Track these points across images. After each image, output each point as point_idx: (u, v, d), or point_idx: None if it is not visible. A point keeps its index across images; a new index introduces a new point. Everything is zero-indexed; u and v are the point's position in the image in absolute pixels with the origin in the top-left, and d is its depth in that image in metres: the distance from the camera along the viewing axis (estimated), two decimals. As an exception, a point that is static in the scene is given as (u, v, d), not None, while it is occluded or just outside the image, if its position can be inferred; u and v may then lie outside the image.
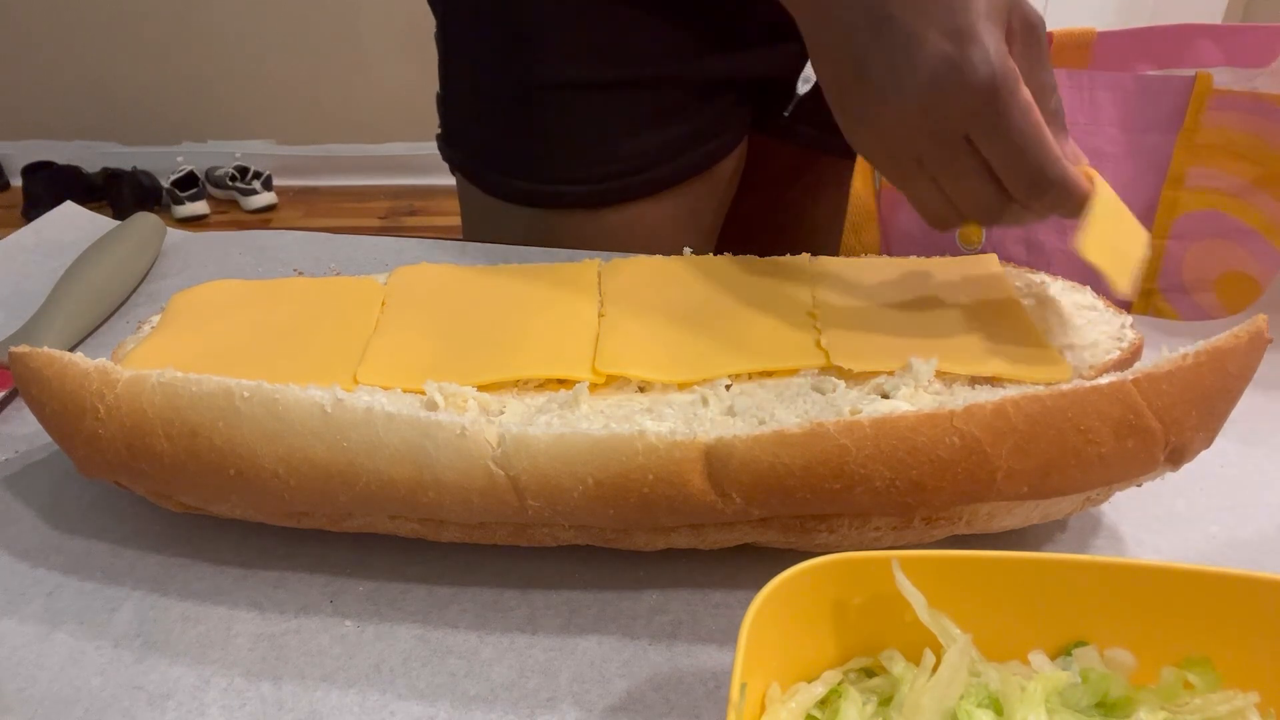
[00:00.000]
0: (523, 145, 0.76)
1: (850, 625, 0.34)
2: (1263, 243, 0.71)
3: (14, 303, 0.66)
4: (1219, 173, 0.71)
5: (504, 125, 0.76)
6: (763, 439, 0.37)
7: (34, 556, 0.45)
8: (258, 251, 0.72)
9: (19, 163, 2.99)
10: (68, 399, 0.41)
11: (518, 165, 0.77)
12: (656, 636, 0.41)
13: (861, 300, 0.49)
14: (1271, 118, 0.68)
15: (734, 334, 0.47)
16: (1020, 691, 0.31)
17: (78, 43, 2.82)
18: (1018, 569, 0.33)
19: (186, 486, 0.41)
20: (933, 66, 0.44)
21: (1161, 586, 0.32)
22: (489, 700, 0.38)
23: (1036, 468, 0.37)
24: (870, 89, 0.47)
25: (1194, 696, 0.32)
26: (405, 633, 0.41)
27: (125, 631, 0.41)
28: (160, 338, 0.49)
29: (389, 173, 3.06)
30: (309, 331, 0.49)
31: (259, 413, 0.39)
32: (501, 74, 0.75)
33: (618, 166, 0.75)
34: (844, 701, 0.32)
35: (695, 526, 0.41)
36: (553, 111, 0.74)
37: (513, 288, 0.52)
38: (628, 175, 0.75)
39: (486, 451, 0.38)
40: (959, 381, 0.44)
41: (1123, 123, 0.73)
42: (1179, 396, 0.37)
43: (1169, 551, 0.45)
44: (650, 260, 0.54)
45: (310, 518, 0.43)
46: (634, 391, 0.45)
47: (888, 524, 0.40)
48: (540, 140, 0.75)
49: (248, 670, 0.40)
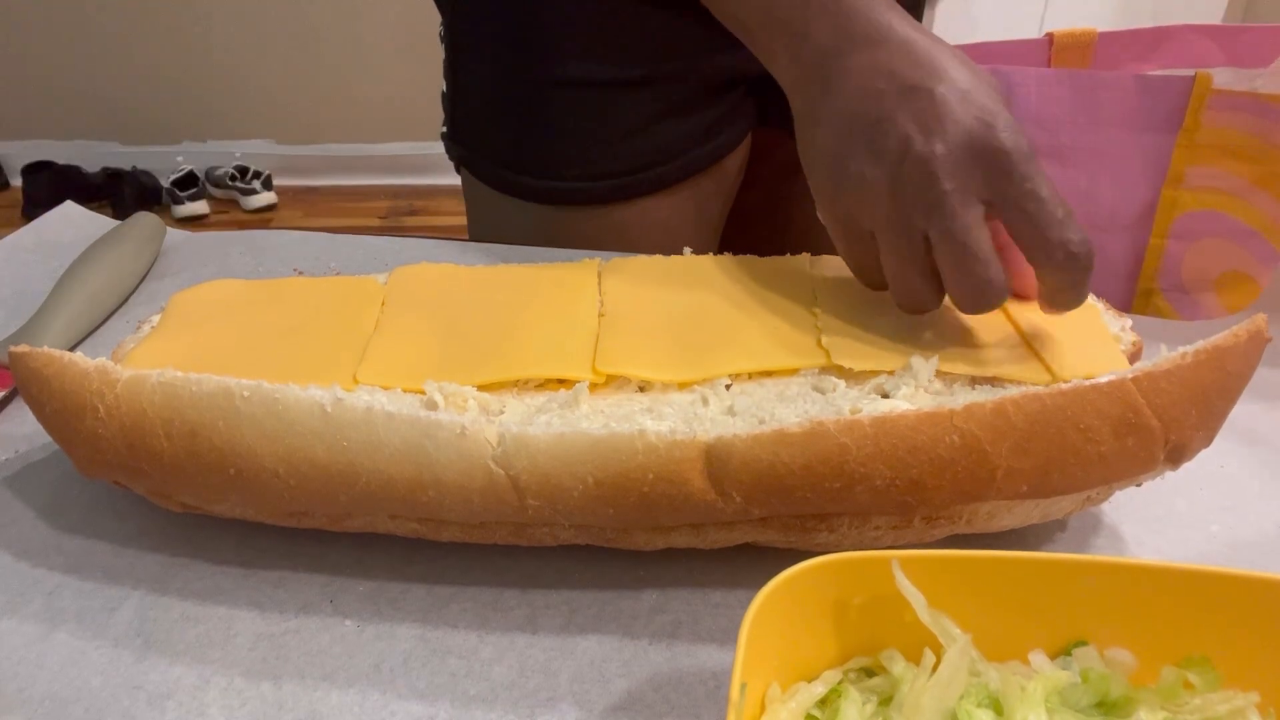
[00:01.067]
0: (533, 142, 0.76)
1: (850, 625, 0.34)
2: (1263, 243, 0.71)
3: (14, 303, 0.66)
4: (1219, 173, 0.71)
5: (514, 122, 0.77)
6: (763, 438, 0.37)
7: (34, 556, 0.45)
8: (258, 251, 0.72)
9: (19, 163, 2.99)
10: (67, 399, 0.41)
11: (528, 162, 0.77)
12: (656, 636, 0.41)
13: (861, 300, 0.49)
14: (1271, 118, 0.68)
15: (734, 334, 0.47)
16: (1020, 691, 0.31)
17: (78, 43, 2.82)
18: (1018, 569, 0.33)
19: (186, 486, 0.41)
20: (967, 128, 0.43)
21: (1161, 586, 0.32)
22: (489, 700, 0.38)
23: (1036, 466, 0.37)
24: (878, 153, 0.45)
25: (1194, 696, 0.32)
26: (405, 633, 0.41)
27: (125, 631, 0.41)
28: (160, 337, 0.49)
29: (389, 173, 3.06)
30: (309, 331, 0.49)
31: (259, 412, 0.39)
32: (512, 71, 0.75)
33: (627, 163, 0.76)
34: (844, 701, 0.32)
35: (695, 526, 0.41)
36: (563, 108, 0.74)
37: (513, 288, 0.52)
38: (638, 171, 0.76)
39: (486, 451, 0.38)
40: (959, 381, 0.44)
41: (1123, 123, 0.73)
42: (1178, 395, 0.37)
43: (1169, 551, 0.45)
44: (650, 260, 0.54)
45: (310, 517, 0.43)
46: (634, 391, 0.45)
47: (888, 523, 0.40)
48: (550, 137, 0.76)
49: (248, 670, 0.40)
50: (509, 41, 0.74)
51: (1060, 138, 0.75)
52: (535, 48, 0.73)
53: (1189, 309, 0.75)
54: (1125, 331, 0.48)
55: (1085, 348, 0.44)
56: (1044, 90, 0.75)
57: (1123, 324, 0.48)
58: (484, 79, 0.78)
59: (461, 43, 0.78)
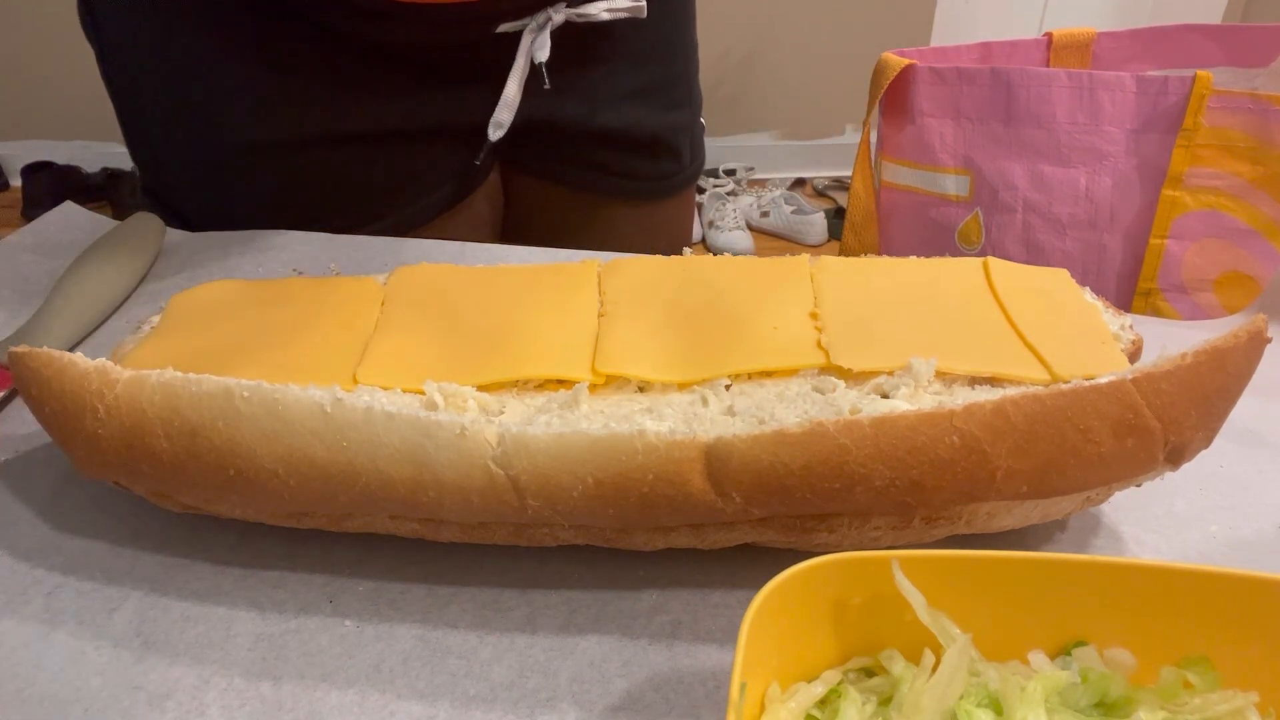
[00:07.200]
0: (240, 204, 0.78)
1: (850, 625, 0.34)
2: (1263, 243, 0.72)
3: (14, 303, 0.65)
4: (1219, 173, 0.71)
5: (211, 184, 0.79)
6: (763, 439, 0.37)
7: (34, 556, 0.45)
8: (258, 251, 0.72)
9: (19, 163, 2.99)
10: (67, 399, 0.41)
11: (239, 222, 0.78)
12: (656, 636, 0.41)
13: (861, 300, 0.49)
14: (1271, 118, 0.68)
15: (734, 334, 0.47)
16: (1020, 691, 0.31)
17: (78, 43, 2.81)
18: (1018, 569, 0.33)
19: (186, 486, 0.41)
20: None
21: (1161, 586, 0.32)
22: (489, 700, 0.38)
23: (1036, 467, 0.37)
24: None
25: (1194, 696, 0.32)
26: (405, 633, 0.41)
27: (125, 631, 0.41)
28: (160, 338, 0.49)
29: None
30: (309, 331, 0.49)
31: (259, 413, 0.39)
32: (193, 137, 0.77)
33: (342, 219, 0.78)
34: (844, 701, 0.32)
35: (695, 526, 0.41)
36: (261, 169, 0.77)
37: (512, 288, 0.52)
38: (357, 228, 0.78)
39: (486, 451, 0.38)
40: (959, 381, 0.44)
41: (1123, 123, 0.73)
42: (1178, 396, 0.37)
43: (1169, 551, 0.45)
44: (650, 260, 0.54)
45: (310, 518, 0.43)
46: (634, 391, 0.45)
47: (888, 524, 0.40)
48: (250, 200, 0.78)
49: (247, 670, 0.40)
50: (184, 111, 0.76)
51: (1060, 137, 0.75)
52: (206, 114, 0.75)
53: (1189, 309, 0.75)
54: (1125, 331, 0.48)
55: (1085, 348, 0.44)
56: (1044, 90, 0.75)
57: (1122, 323, 0.48)
58: (168, 146, 0.79)
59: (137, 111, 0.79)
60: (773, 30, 2.95)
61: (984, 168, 0.78)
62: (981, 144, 0.78)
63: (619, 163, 0.88)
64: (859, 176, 0.86)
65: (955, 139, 0.79)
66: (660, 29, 0.85)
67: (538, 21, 0.74)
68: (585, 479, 0.37)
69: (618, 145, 0.87)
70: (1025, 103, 0.75)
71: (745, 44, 2.97)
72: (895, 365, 0.44)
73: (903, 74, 0.80)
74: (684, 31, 0.91)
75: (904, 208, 0.85)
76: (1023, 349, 0.45)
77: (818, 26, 2.93)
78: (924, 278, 0.51)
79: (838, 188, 3.10)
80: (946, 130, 0.80)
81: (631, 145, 0.88)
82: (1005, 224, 0.78)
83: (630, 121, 0.86)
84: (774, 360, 0.45)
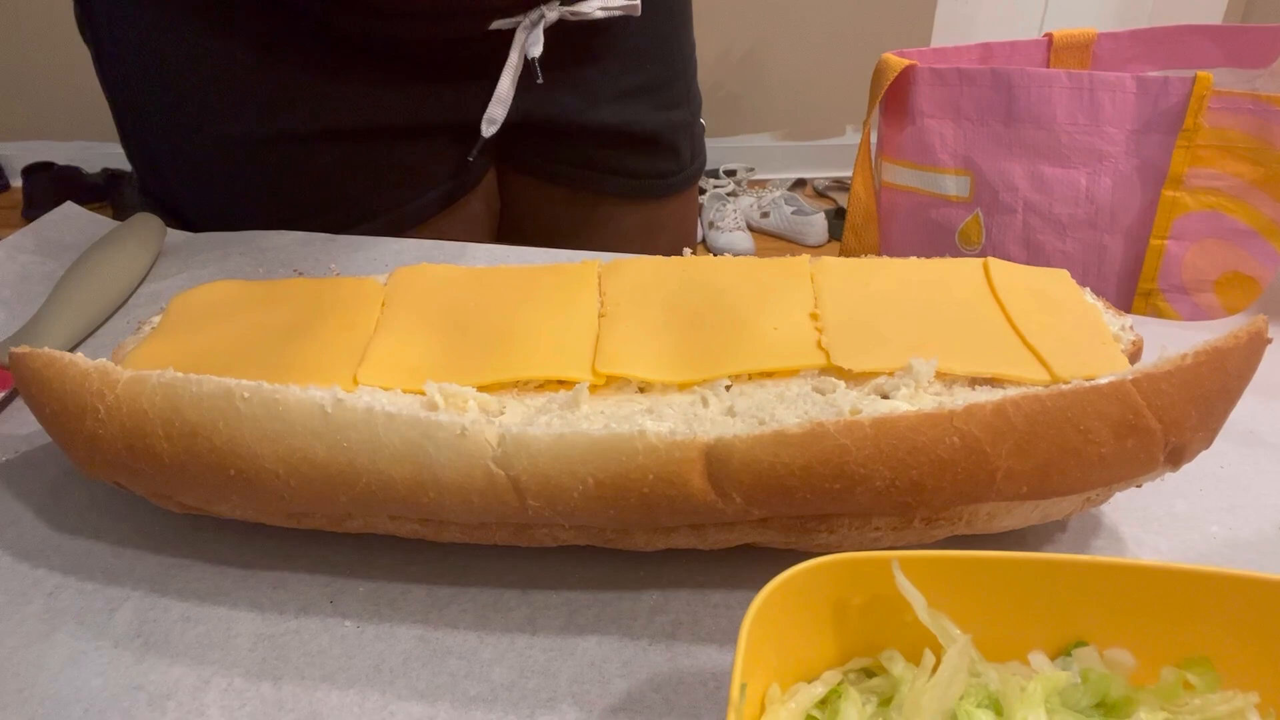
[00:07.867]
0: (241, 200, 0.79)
1: (850, 625, 0.34)
2: (1262, 243, 0.72)
3: (14, 303, 0.66)
4: (1219, 173, 0.71)
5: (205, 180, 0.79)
6: (763, 439, 0.37)
7: (34, 556, 0.45)
8: (258, 251, 0.72)
9: (19, 163, 2.99)
10: (68, 399, 0.41)
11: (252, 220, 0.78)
12: (656, 636, 0.41)
13: (861, 300, 0.49)
14: (1271, 118, 0.68)
15: (734, 334, 0.47)
16: (1020, 691, 0.31)
17: (78, 43, 2.82)
18: (1018, 569, 0.33)
19: (186, 487, 0.41)
20: None
21: (1161, 586, 0.32)
22: (489, 700, 0.38)
23: (1036, 467, 0.37)
24: None
25: (1194, 696, 0.32)
26: (405, 633, 0.41)
27: (125, 631, 0.41)
28: (160, 338, 0.49)
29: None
30: (309, 331, 0.49)
31: (259, 413, 0.39)
32: (183, 131, 0.77)
33: (337, 217, 0.78)
34: (844, 702, 0.32)
35: (695, 526, 0.41)
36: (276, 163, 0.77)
37: (513, 288, 0.52)
38: (348, 228, 0.78)
39: (486, 452, 0.38)
40: (959, 381, 0.44)
41: (1123, 123, 0.73)
42: (1178, 396, 0.37)
43: (1169, 551, 0.45)
44: (650, 260, 0.54)
45: (310, 518, 0.43)
46: (634, 392, 0.45)
47: (888, 524, 0.40)
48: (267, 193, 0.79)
49: (248, 670, 0.40)
50: (182, 108, 0.76)
51: (1060, 138, 0.75)
52: (200, 112, 0.75)
53: (1189, 309, 0.75)
54: (1125, 331, 0.48)
55: (1085, 348, 0.44)
56: (1044, 90, 0.75)
57: (1123, 324, 0.48)
58: (167, 143, 0.79)
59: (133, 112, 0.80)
60: (773, 30, 2.95)
61: (984, 168, 0.78)
62: (982, 145, 0.78)
63: (616, 161, 0.89)
64: (859, 177, 0.86)
65: (955, 140, 0.80)
66: (657, 27, 0.85)
67: (531, 18, 0.74)
68: (585, 479, 0.37)
69: (615, 143, 0.87)
70: (1025, 103, 0.75)
71: (745, 44, 2.97)
72: (895, 366, 0.44)
73: (903, 75, 0.81)
74: (681, 30, 0.91)
75: (904, 208, 0.85)
76: (1023, 349, 0.45)
77: (818, 27, 2.93)
78: (924, 278, 0.51)
79: (838, 188, 3.10)
80: (947, 131, 0.80)
81: (629, 143, 0.88)
82: (1005, 224, 0.78)
83: (627, 119, 0.86)
84: (774, 361, 0.45)
